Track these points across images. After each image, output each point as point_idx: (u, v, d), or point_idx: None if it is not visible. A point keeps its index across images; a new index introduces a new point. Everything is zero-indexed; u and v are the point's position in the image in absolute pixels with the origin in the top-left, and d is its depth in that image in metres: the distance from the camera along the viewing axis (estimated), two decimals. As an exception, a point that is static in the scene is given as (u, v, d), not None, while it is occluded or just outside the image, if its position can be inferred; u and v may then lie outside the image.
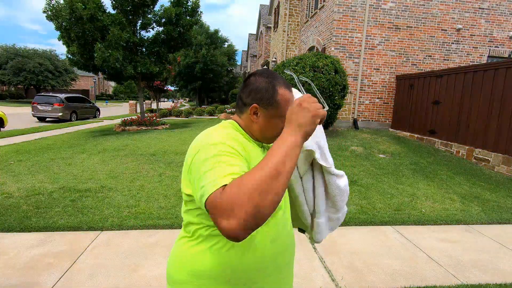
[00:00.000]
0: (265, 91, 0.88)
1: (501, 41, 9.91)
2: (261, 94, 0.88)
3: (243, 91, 0.92)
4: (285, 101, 0.88)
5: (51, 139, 8.53)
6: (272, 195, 0.64)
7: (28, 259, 2.55)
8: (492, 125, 5.95)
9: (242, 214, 0.61)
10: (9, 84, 35.48)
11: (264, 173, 0.65)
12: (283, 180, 0.66)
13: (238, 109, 0.95)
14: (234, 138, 0.84)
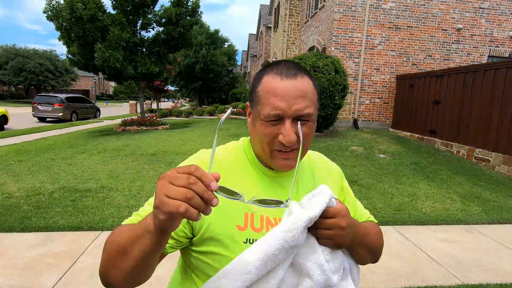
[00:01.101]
0: (253, 82, 0.71)
1: (502, 41, 9.90)
2: (251, 87, 0.72)
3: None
4: (264, 91, 0.65)
5: (52, 139, 8.53)
6: (116, 269, 0.56)
7: (28, 259, 2.55)
8: (492, 125, 5.94)
9: (100, 266, 0.60)
10: (10, 84, 35.53)
11: (117, 241, 0.57)
12: (128, 262, 0.55)
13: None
14: (201, 163, 0.69)
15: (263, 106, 0.65)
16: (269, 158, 0.68)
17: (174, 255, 0.78)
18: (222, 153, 0.75)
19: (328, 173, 0.83)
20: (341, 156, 6.26)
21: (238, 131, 9.29)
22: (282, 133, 0.63)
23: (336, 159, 6.03)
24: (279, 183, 0.73)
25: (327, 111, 7.61)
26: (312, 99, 0.66)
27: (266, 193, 0.70)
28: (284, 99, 0.63)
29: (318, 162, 0.84)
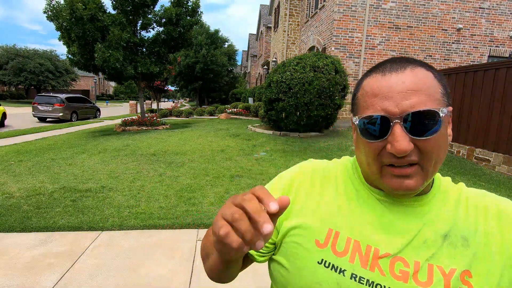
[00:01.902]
0: (354, 91, 0.58)
1: (502, 40, 9.90)
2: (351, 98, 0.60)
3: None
4: (363, 95, 0.53)
5: (52, 139, 8.53)
6: (204, 265, 0.62)
7: (28, 259, 2.55)
8: (492, 125, 5.94)
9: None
10: (10, 84, 35.54)
11: (203, 243, 0.61)
12: (207, 265, 0.60)
13: None
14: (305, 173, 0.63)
15: (362, 113, 0.51)
16: (379, 177, 0.52)
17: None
18: (327, 163, 0.66)
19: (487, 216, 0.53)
20: (341, 156, 6.26)
21: (238, 131, 9.30)
22: (389, 141, 0.48)
23: (336, 159, 6.03)
24: (395, 212, 0.54)
25: (327, 111, 7.61)
26: (433, 94, 0.48)
27: (375, 221, 0.54)
28: (388, 96, 0.48)
29: (475, 197, 0.56)
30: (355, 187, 0.59)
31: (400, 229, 0.52)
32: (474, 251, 0.50)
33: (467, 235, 0.51)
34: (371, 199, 0.56)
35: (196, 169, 5.23)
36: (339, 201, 0.58)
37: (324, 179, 0.62)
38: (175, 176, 4.86)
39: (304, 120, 7.67)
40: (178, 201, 3.80)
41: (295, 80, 7.40)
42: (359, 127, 0.51)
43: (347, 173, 0.62)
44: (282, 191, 0.62)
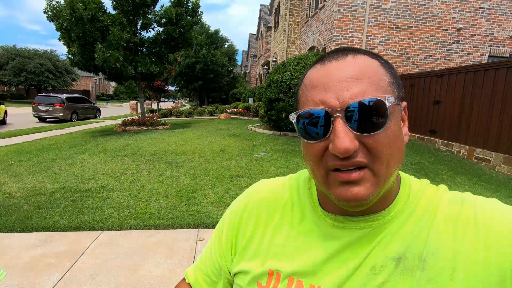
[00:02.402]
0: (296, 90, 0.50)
1: (502, 40, 9.90)
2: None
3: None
4: (302, 90, 0.45)
5: (52, 140, 8.54)
6: None
7: (29, 259, 2.55)
8: (493, 125, 5.94)
9: None
10: (10, 84, 35.57)
11: None
12: None
13: None
14: (252, 205, 0.57)
15: (302, 107, 0.44)
16: (325, 186, 0.43)
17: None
18: (277, 185, 0.58)
19: (457, 229, 0.42)
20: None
21: (238, 131, 9.30)
22: (331, 140, 0.39)
23: (337, 159, 6.02)
24: (346, 238, 0.46)
25: (328, 111, 7.61)
26: (377, 82, 0.41)
27: (321, 253, 0.47)
28: (327, 87, 0.41)
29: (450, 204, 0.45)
30: (303, 213, 0.51)
31: (346, 257, 0.45)
32: (430, 276, 0.40)
33: (426, 255, 0.41)
34: (322, 225, 0.48)
35: (196, 169, 5.24)
36: (283, 234, 0.51)
37: (270, 209, 0.54)
38: (175, 176, 4.86)
39: (304, 120, 7.66)
40: (178, 201, 3.80)
41: (295, 80, 7.40)
42: (297, 126, 0.43)
43: (297, 194, 0.54)
44: (227, 235, 0.58)
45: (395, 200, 0.46)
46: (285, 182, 0.58)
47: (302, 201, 0.53)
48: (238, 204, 0.60)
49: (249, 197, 0.59)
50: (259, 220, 0.54)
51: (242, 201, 0.59)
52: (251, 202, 0.57)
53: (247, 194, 0.60)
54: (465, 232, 0.41)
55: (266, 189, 0.58)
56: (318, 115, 0.40)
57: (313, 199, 0.52)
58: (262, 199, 0.57)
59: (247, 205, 0.57)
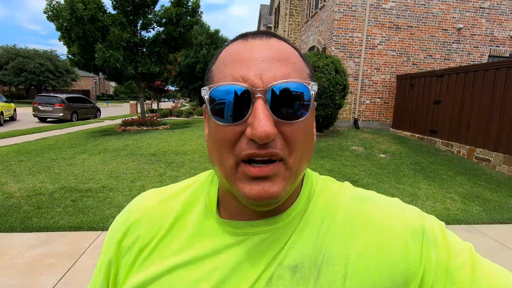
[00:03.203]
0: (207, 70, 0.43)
1: (502, 40, 9.90)
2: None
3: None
4: (218, 65, 0.39)
5: (52, 140, 8.54)
6: None
7: (29, 259, 2.55)
8: (493, 125, 5.93)
9: None
10: (10, 84, 35.57)
11: None
12: None
13: None
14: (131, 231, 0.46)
15: (215, 85, 0.37)
16: (233, 181, 0.37)
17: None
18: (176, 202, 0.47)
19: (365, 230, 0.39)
20: (342, 156, 6.26)
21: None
22: (250, 123, 0.34)
23: (337, 159, 6.03)
24: (246, 248, 0.40)
25: (328, 111, 7.60)
26: (300, 70, 0.38)
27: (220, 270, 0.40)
28: (250, 64, 0.36)
29: (350, 205, 0.42)
30: (199, 222, 0.44)
31: (245, 270, 0.39)
32: (322, 285, 0.36)
33: (321, 262, 0.38)
34: (221, 235, 0.42)
35: (196, 169, 5.23)
36: (177, 252, 0.42)
37: (161, 225, 0.45)
38: (175, 176, 4.86)
39: (304, 120, 7.66)
40: (178, 201, 3.80)
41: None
42: (210, 103, 0.36)
43: (196, 199, 0.46)
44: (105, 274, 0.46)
45: (297, 199, 0.42)
46: (195, 181, 0.50)
47: (201, 206, 0.45)
48: (113, 229, 0.48)
49: (128, 217, 0.47)
50: (142, 247, 0.44)
51: (121, 225, 0.48)
52: (132, 222, 0.47)
53: (127, 213, 0.49)
54: (360, 234, 0.38)
55: (155, 202, 0.48)
56: (239, 92, 0.34)
57: (211, 204, 0.45)
58: (144, 217, 0.46)
59: (127, 228, 0.46)
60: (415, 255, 0.36)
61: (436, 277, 0.35)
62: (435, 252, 0.36)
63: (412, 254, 0.36)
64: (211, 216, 0.43)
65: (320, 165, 5.57)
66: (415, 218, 0.39)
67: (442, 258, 0.35)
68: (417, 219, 0.38)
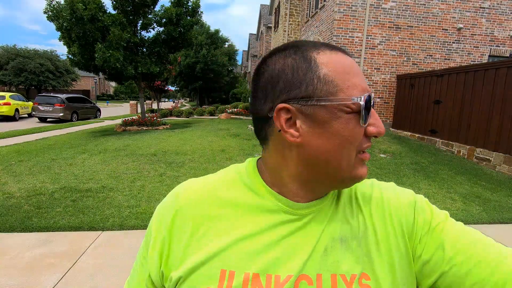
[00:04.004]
0: (295, 71, 0.44)
1: (502, 40, 9.89)
2: (288, 79, 0.44)
3: (254, 96, 0.49)
4: (337, 71, 0.44)
5: (52, 140, 8.54)
6: None
7: (29, 259, 2.55)
8: (493, 125, 5.93)
9: None
10: (10, 84, 35.56)
11: None
12: None
13: (261, 139, 0.52)
14: (185, 211, 0.50)
15: (347, 91, 0.43)
16: (351, 169, 0.45)
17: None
18: (211, 181, 0.53)
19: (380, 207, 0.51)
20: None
21: (239, 131, 9.30)
22: (371, 123, 0.45)
23: (337, 159, 6.02)
24: (297, 223, 0.48)
25: (328, 111, 7.61)
26: None
27: (273, 241, 0.47)
28: (361, 75, 0.46)
29: (364, 189, 0.55)
30: (253, 201, 0.49)
31: (300, 242, 0.46)
32: (366, 250, 0.47)
33: (359, 234, 0.49)
34: (276, 213, 0.48)
35: (196, 169, 5.24)
36: (231, 229, 0.47)
37: (211, 207, 0.50)
38: (175, 176, 4.86)
39: (305, 120, 7.67)
40: (178, 201, 3.80)
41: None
42: (363, 110, 0.43)
43: (242, 185, 0.51)
44: (159, 250, 0.50)
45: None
46: (225, 173, 0.54)
47: (251, 189, 0.50)
48: (164, 209, 0.53)
49: (179, 202, 0.51)
50: (199, 224, 0.49)
51: (169, 211, 0.51)
52: (183, 207, 0.50)
53: (175, 200, 0.52)
54: (377, 211, 0.51)
55: (200, 188, 0.52)
56: (371, 100, 0.44)
57: (265, 187, 0.50)
58: (197, 201, 0.50)
59: (178, 208, 0.51)
60: (411, 218, 0.50)
61: (423, 232, 0.48)
62: (422, 215, 0.50)
63: (410, 218, 0.50)
64: (264, 197, 0.49)
65: (320, 165, 5.57)
66: (410, 195, 0.53)
67: (427, 218, 0.49)
68: (412, 196, 0.53)
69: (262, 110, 0.47)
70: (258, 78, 0.48)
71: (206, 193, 0.51)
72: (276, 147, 0.48)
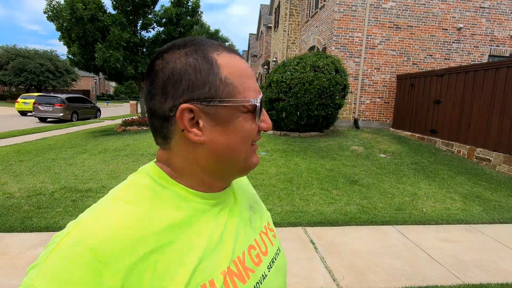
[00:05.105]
0: (198, 72, 0.45)
1: (502, 40, 9.89)
2: (191, 79, 0.45)
3: (152, 93, 0.47)
4: (237, 74, 0.47)
5: (52, 140, 8.54)
6: None
7: (29, 259, 2.55)
8: (493, 125, 5.93)
9: None
10: (10, 84, 35.58)
11: None
12: None
13: (159, 137, 0.49)
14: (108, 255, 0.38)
15: (244, 93, 0.47)
16: (247, 159, 0.51)
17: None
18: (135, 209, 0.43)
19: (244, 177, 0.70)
20: (342, 156, 6.26)
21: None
22: (263, 119, 0.51)
23: (337, 158, 6.02)
24: (222, 210, 0.53)
25: (328, 110, 7.60)
26: None
27: (219, 232, 0.50)
28: (254, 79, 0.52)
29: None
30: (179, 208, 0.46)
31: (235, 222, 0.54)
32: (259, 206, 0.65)
33: (254, 198, 0.65)
34: (206, 211, 0.49)
35: (196, 169, 5.23)
36: (186, 250, 0.44)
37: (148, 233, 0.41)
38: (175, 176, 4.86)
39: (305, 120, 7.66)
40: (178, 201, 3.80)
41: (295, 80, 7.40)
42: (259, 109, 0.50)
43: (159, 196, 0.46)
44: None
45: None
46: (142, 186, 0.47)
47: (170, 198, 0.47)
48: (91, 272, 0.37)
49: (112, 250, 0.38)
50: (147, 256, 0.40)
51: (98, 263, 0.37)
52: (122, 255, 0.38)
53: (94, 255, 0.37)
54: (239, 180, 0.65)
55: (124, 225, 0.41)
56: (262, 100, 0.51)
57: (186, 192, 0.49)
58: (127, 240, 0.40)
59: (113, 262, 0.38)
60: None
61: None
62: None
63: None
64: (188, 198, 0.49)
65: (320, 164, 5.57)
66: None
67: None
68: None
69: (161, 109, 0.46)
70: (156, 74, 0.46)
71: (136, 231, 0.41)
72: (181, 147, 0.48)
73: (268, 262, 0.57)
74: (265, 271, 0.55)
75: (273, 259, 0.59)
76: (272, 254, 0.59)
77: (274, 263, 0.59)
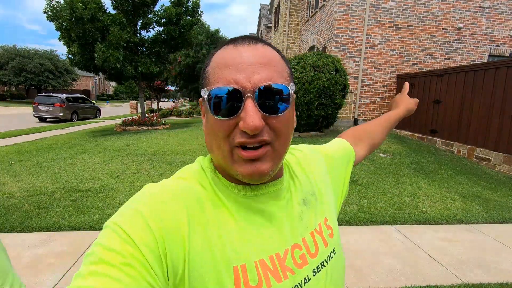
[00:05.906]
0: (204, 69, 0.50)
1: (502, 40, 9.89)
2: (201, 73, 0.51)
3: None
4: (213, 67, 0.47)
5: (52, 139, 8.54)
6: None
7: (29, 259, 2.55)
8: (493, 125, 5.93)
9: None
10: (10, 84, 35.55)
11: None
12: None
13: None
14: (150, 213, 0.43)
15: (214, 84, 0.45)
16: (229, 163, 0.46)
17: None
18: (182, 184, 0.49)
19: (316, 164, 0.65)
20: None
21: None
22: (242, 117, 0.43)
23: (337, 158, 6.02)
24: (269, 204, 0.51)
25: (328, 110, 7.60)
26: (281, 72, 0.47)
27: (261, 224, 0.49)
28: (240, 68, 0.44)
29: (300, 154, 0.65)
30: (223, 196, 0.49)
31: (279, 218, 0.51)
32: (320, 199, 0.59)
33: (312, 190, 0.59)
34: (241, 201, 0.49)
35: (196, 169, 5.23)
36: (221, 227, 0.46)
37: (198, 209, 0.46)
38: (175, 176, 4.85)
39: (305, 120, 7.66)
40: (178, 201, 3.80)
41: (295, 80, 7.39)
42: (209, 101, 0.44)
43: (208, 182, 0.50)
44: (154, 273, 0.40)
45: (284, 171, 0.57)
46: (187, 174, 0.52)
47: (215, 186, 0.50)
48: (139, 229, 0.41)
49: (144, 216, 0.42)
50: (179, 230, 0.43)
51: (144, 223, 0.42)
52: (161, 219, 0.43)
53: (140, 216, 0.42)
54: (301, 170, 0.61)
55: (166, 195, 0.46)
56: (232, 93, 0.43)
57: (222, 181, 0.50)
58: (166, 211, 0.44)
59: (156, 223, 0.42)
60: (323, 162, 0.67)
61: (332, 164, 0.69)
62: (324, 153, 0.70)
63: (324, 162, 0.67)
64: (229, 188, 0.50)
65: (320, 164, 5.57)
66: (317, 148, 0.71)
67: (328, 154, 0.70)
68: (319, 147, 0.71)
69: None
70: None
71: (177, 197, 0.46)
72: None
73: (315, 266, 0.52)
74: (308, 274, 0.50)
75: (323, 263, 0.53)
76: (323, 257, 0.53)
77: (325, 267, 0.53)
